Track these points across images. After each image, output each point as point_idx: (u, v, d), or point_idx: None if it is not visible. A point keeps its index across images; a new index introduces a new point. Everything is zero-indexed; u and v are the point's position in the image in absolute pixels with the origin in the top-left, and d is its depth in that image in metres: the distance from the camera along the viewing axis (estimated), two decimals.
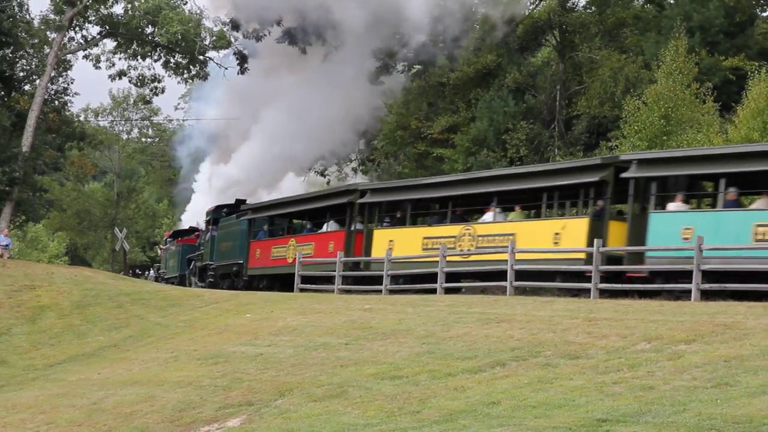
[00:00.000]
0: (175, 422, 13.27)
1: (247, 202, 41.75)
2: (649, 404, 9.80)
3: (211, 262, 40.92)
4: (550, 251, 22.59)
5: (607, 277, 20.79)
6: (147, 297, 28.50)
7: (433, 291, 23.60)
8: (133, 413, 14.25)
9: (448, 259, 24.14)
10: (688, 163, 21.32)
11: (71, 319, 26.57)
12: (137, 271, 72.65)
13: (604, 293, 20.01)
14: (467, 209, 27.83)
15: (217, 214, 41.35)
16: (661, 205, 21.46)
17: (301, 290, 28.60)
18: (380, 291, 25.32)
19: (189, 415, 13.48)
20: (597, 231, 21.80)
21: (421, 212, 29.25)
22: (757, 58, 41.07)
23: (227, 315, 23.42)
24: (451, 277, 24.29)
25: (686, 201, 21.57)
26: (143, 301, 27.90)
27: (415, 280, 25.86)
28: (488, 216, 25.61)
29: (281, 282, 32.74)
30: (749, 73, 35.61)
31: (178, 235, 54.97)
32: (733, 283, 18.50)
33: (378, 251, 27.85)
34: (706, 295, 18.49)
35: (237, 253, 37.33)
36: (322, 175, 58.39)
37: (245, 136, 60.63)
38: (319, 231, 32.54)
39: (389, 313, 19.12)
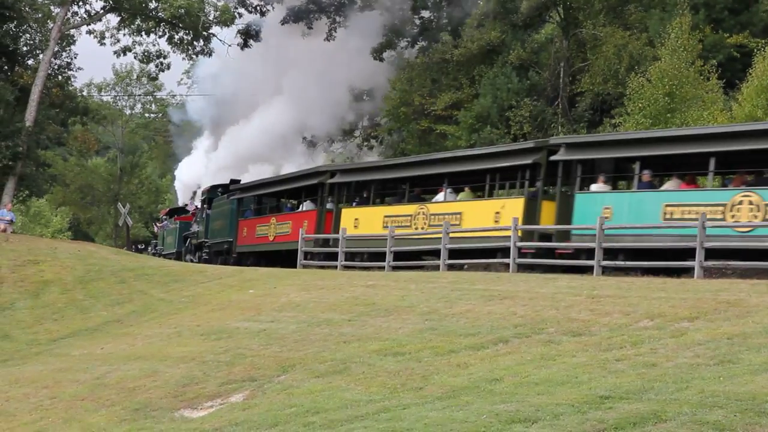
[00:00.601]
0: (178, 397, 13.29)
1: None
2: (652, 381, 9.79)
3: (205, 240, 42.00)
4: (490, 229, 23.77)
5: (540, 253, 22.27)
6: (150, 272, 28.54)
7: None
8: (136, 388, 14.27)
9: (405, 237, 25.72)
10: (610, 147, 22.75)
11: (74, 294, 26.62)
12: (140, 246, 72.74)
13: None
14: (424, 189, 29.21)
15: (212, 194, 42.52)
16: (586, 186, 22.85)
17: (304, 266, 28.82)
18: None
19: (192, 390, 13.50)
20: (531, 210, 23.25)
21: (385, 192, 30.45)
22: (761, 35, 40.88)
23: (230, 291, 23.45)
24: (412, 255, 25.89)
25: (608, 182, 22.87)
26: (146, 276, 27.95)
27: (373, 257, 27.17)
28: (440, 196, 26.88)
29: (266, 259, 33.81)
30: (754, 51, 35.48)
31: (173, 212, 56.18)
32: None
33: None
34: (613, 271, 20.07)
35: (227, 231, 38.40)
36: (327, 151, 58.41)
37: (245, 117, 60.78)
38: (297, 210, 33.86)
39: (392, 290, 19.12)
